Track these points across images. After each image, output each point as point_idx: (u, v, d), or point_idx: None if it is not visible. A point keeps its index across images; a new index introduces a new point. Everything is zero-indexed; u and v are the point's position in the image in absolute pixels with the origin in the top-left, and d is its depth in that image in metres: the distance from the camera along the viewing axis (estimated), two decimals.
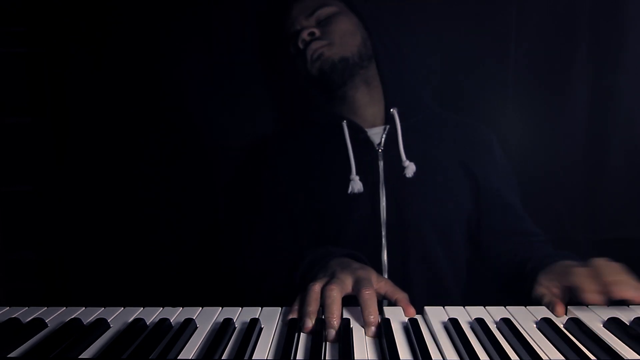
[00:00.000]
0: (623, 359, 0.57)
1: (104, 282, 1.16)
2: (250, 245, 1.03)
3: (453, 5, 1.11)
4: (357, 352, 0.59)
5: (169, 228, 1.15)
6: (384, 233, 0.97)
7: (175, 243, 1.16)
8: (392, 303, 0.75)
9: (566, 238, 1.13)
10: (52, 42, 1.11)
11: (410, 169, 0.98)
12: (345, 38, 1.02)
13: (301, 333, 0.65)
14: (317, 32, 1.02)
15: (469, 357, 0.56)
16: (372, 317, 0.66)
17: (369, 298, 0.68)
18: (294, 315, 0.69)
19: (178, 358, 0.59)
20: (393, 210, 0.97)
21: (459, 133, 1.05)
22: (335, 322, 0.65)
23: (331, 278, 0.73)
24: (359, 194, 0.97)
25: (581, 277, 0.71)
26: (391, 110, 1.02)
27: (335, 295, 0.68)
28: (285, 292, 0.88)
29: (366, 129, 1.02)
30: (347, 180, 0.98)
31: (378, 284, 0.75)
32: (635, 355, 0.59)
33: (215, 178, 1.14)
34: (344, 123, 1.01)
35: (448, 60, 1.14)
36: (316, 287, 0.71)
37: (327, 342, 0.63)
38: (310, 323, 0.66)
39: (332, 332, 0.64)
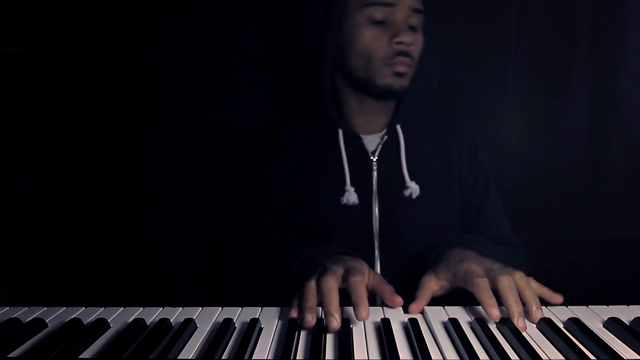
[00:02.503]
0: (623, 359, 0.57)
1: (104, 282, 1.16)
2: (238, 243, 1.01)
3: (453, 5, 1.11)
4: (357, 352, 0.59)
5: (169, 228, 1.15)
6: (377, 244, 0.95)
7: (175, 243, 1.16)
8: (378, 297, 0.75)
9: (566, 238, 1.14)
10: (52, 42, 1.11)
11: (414, 190, 0.95)
12: (418, 57, 0.94)
13: (301, 333, 0.65)
14: (417, 40, 0.93)
15: (469, 357, 0.56)
16: (360, 300, 0.66)
17: (356, 284, 0.69)
18: (294, 313, 0.69)
19: (178, 358, 0.59)
20: (386, 223, 0.95)
21: (447, 140, 1.01)
22: (334, 309, 0.65)
23: (323, 271, 0.73)
24: (351, 205, 0.94)
25: (483, 291, 0.69)
26: (397, 126, 0.97)
27: (331, 285, 0.69)
28: (276, 291, 0.88)
29: (361, 135, 0.98)
30: (339, 189, 0.95)
31: (368, 275, 0.75)
32: (635, 355, 0.59)
33: (216, 178, 1.14)
34: (340, 132, 0.96)
35: (448, 60, 1.14)
36: (312, 283, 0.71)
37: (327, 339, 0.63)
38: (310, 317, 0.65)
39: (332, 321, 0.64)
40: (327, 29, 0.94)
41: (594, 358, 0.58)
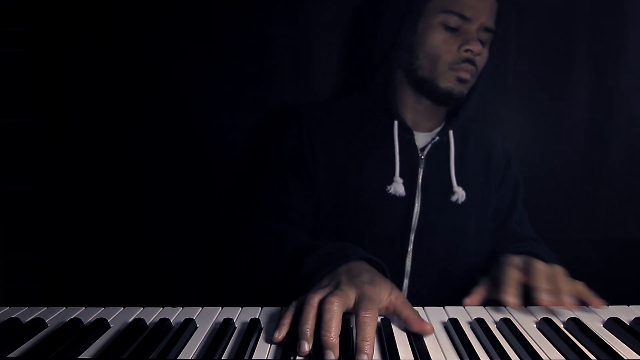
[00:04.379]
0: (623, 359, 0.57)
1: (104, 282, 1.16)
2: (259, 216, 1.00)
3: None
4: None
5: (169, 228, 1.15)
6: (412, 238, 0.97)
7: (176, 243, 1.16)
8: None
9: (566, 238, 1.13)
10: (52, 42, 1.11)
11: (460, 195, 0.98)
12: (480, 69, 0.98)
13: None
14: (483, 53, 0.97)
15: (469, 357, 0.56)
16: (366, 343, 0.58)
17: (366, 322, 0.60)
18: (282, 330, 0.63)
19: (178, 358, 0.59)
20: (425, 220, 0.97)
21: (487, 149, 1.05)
22: (333, 339, 0.58)
23: (334, 289, 0.66)
24: (395, 196, 0.96)
25: (541, 276, 0.75)
26: (449, 131, 1.00)
27: (336, 310, 0.61)
28: (285, 282, 0.86)
29: (414, 131, 1.00)
30: (387, 179, 0.97)
31: (388, 298, 0.68)
32: (635, 355, 0.59)
33: (216, 178, 1.14)
34: (395, 123, 0.99)
35: None
36: (314, 300, 0.64)
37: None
38: (307, 347, 0.59)
39: (329, 354, 0.58)
40: (403, 29, 0.97)
41: (594, 358, 0.58)
